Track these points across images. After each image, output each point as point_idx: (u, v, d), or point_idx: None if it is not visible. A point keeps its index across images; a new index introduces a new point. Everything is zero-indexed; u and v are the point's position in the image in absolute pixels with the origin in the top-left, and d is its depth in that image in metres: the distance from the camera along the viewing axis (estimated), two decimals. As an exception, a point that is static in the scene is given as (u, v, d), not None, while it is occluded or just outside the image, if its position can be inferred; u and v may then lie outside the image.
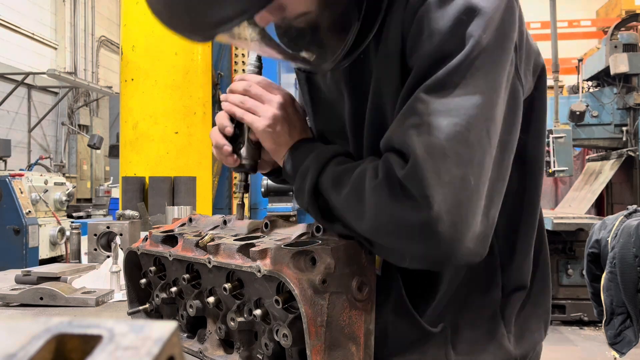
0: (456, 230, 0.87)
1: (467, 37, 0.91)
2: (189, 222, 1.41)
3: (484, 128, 0.91)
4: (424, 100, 0.91)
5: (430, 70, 0.93)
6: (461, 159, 0.88)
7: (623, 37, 7.78)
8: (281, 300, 0.98)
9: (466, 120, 0.89)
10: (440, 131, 0.89)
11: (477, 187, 0.90)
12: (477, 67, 0.91)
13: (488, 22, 0.92)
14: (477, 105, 0.90)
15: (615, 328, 3.76)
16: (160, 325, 0.36)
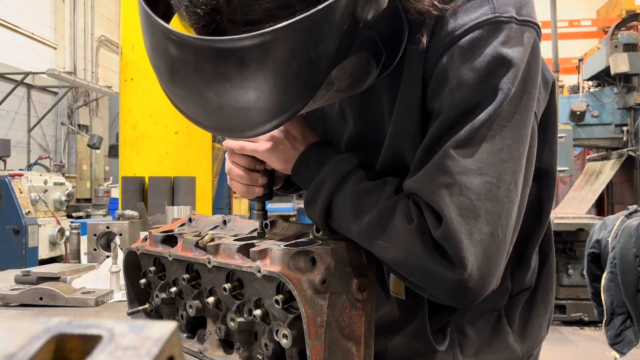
0: (484, 282, 0.92)
1: (496, 89, 0.90)
2: (188, 222, 1.41)
3: (512, 181, 0.93)
4: (453, 157, 0.91)
5: (457, 122, 0.92)
6: (491, 215, 0.91)
7: (623, 36, 7.79)
8: (281, 300, 0.98)
9: (496, 177, 0.91)
10: (472, 191, 0.90)
11: (505, 239, 0.93)
12: (505, 119, 0.91)
13: (516, 72, 0.90)
14: (506, 160, 0.92)
15: (615, 328, 3.76)
16: (160, 325, 0.36)
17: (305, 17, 0.74)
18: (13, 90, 10.69)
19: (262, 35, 0.74)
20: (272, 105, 0.81)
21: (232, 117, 0.85)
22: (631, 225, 3.67)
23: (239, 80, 0.78)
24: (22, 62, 11.30)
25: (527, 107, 0.93)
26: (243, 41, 0.75)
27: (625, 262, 3.60)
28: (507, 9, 0.91)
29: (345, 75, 0.88)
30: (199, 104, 0.85)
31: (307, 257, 0.97)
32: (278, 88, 0.80)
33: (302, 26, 0.74)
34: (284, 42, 0.75)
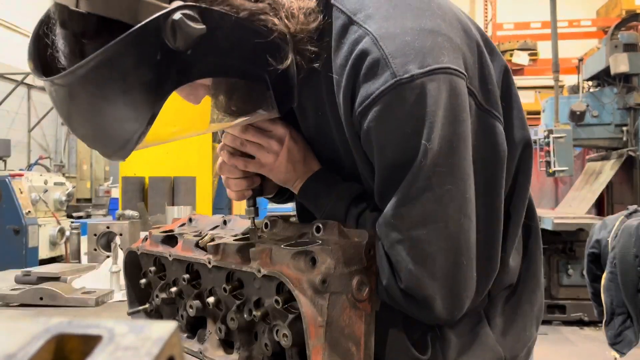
0: (455, 309, 1.02)
1: (418, 146, 0.94)
2: (189, 222, 1.41)
3: (461, 215, 0.98)
4: (398, 215, 0.98)
5: (392, 180, 0.98)
6: (449, 252, 0.98)
7: (623, 36, 7.77)
8: (281, 300, 0.98)
9: (443, 221, 0.97)
10: (423, 241, 0.97)
11: (470, 262, 1.00)
12: (439, 166, 0.96)
13: (433, 123, 0.94)
14: (449, 203, 0.97)
15: (615, 328, 3.76)
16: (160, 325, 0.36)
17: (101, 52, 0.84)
18: (13, 90, 10.69)
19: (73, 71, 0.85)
20: (119, 130, 0.92)
21: (95, 143, 0.98)
22: (631, 225, 3.66)
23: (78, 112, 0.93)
24: (22, 62, 11.27)
25: (460, 148, 0.97)
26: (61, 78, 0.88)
27: (625, 262, 3.60)
28: (407, 68, 0.93)
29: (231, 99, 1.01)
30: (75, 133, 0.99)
31: (307, 257, 0.97)
32: (110, 116, 0.91)
33: (102, 61, 0.84)
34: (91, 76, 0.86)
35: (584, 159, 8.92)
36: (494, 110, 1.06)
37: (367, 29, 0.98)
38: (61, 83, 0.89)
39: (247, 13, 0.93)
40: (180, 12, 0.85)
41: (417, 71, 0.93)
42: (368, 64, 0.96)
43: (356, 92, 0.98)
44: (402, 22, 0.98)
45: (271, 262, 0.98)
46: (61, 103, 0.93)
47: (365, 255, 1.01)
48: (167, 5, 0.86)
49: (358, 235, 1.04)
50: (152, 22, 0.84)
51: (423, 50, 0.94)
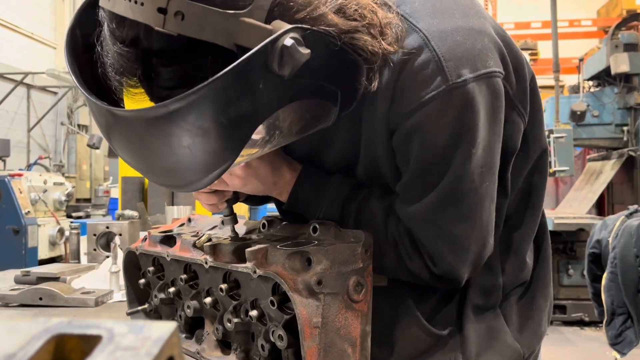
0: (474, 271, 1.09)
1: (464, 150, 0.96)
2: (188, 222, 1.41)
3: (492, 202, 1.04)
4: (439, 213, 1.01)
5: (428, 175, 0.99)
6: (480, 239, 1.04)
7: (624, 36, 7.78)
8: (276, 301, 0.98)
9: (479, 214, 1.02)
10: (461, 236, 1.02)
11: (488, 242, 1.06)
12: (480, 167, 0.99)
13: (478, 128, 0.96)
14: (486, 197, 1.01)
15: (616, 328, 3.76)
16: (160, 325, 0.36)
17: (208, 85, 0.75)
18: (13, 90, 10.69)
19: (165, 106, 0.76)
20: (199, 164, 0.84)
21: (165, 176, 0.90)
22: (632, 225, 3.67)
23: (156, 146, 0.82)
24: (22, 62, 11.30)
25: (496, 147, 1.01)
26: (150, 112, 0.78)
27: (625, 262, 3.60)
28: (460, 72, 0.92)
29: (295, 119, 0.93)
30: (134, 165, 0.89)
31: (303, 257, 0.97)
32: (199, 150, 0.82)
33: (206, 93, 0.76)
34: (189, 109, 0.77)
35: (584, 159, 8.92)
36: (521, 107, 1.07)
37: (415, 24, 0.95)
38: (143, 117, 0.79)
39: (342, 32, 0.87)
40: (290, 37, 0.79)
41: (469, 76, 0.92)
42: (418, 64, 0.93)
43: (397, 90, 0.95)
44: (452, 19, 0.95)
45: (267, 263, 0.98)
46: (128, 135, 0.84)
47: (361, 255, 1.01)
48: (270, 28, 0.80)
49: (354, 236, 1.03)
50: (261, 47, 0.77)
51: (474, 52, 0.94)
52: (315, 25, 0.83)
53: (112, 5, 0.80)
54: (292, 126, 0.94)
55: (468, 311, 1.11)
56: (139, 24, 0.78)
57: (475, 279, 1.12)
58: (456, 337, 1.10)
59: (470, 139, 0.95)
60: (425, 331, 1.09)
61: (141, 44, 0.80)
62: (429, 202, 1.00)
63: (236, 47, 0.78)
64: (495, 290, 1.14)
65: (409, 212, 1.03)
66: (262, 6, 0.80)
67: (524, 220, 1.17)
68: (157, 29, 0.76)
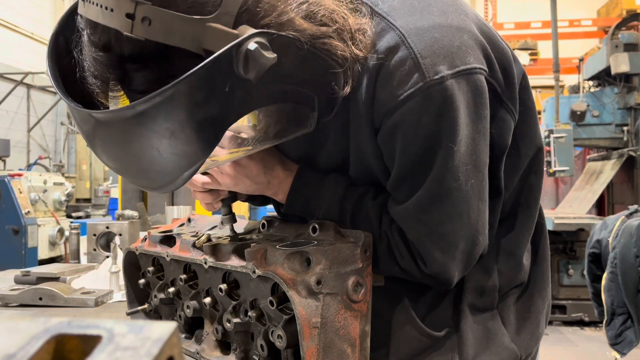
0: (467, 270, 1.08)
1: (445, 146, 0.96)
2: (187, 223, 1.41)
3: (480, 201, 1.02)
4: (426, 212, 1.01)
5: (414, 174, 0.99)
6: (469, 237, 1.03)
7: (624, 36, 7.77)
8: (276, 301, 0.98)
9: (466, 212, 1.01)
10: (448, 234, 1.01)
11: (484, 236, 1.05)
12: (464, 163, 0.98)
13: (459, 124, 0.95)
14: (472, 195, 1.00)
15: (616, 328, 3.76)
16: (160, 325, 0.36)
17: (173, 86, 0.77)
18: (12, 90, 10.69)
19: (132, 107, 0.79)
20: (170, 166, 0.86)
21: (138, 178, 0.92)
22: (632, 225, 3.67)
23: (127, 147, 0.84)
24: (22, 61, 11.30)
25: (481, 144, 1.00)
26: (118, 113, 0.81)
27: (625, 262, 3.60)
28: (437, 69, 0.92)
29: (268, 124, 0.95)
30: (112, 167, 0.91)
31: (302, 257, 0.97)
32: (170, 150, 0.84)
33: (173, 95, 0.77)
34: (157, 111, 0.79)
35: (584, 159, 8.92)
36: (511, 104, 1.06)
37: (392, 22, 0.95)
38: (113, 119, 0.82)
39: (312, 37, 0.88)
40: (254, 41, 0.80)
41: (446, 72, 0.92)
42: (395, 62, 0.93)
43: (377, 89, 0.96)
44: (429, 16, 0.96)
45: (266, 263, 0.98)
46: (103, 138, 0.86)
47: (360, 255, 1.01)
48: (236, 32, 0.81)
49: (354, 236, 1.03)
50: (225, 51, 0.78)
51: (452, 49, 0.94)
52: (283, 30, 0.85)
53: (85, 11, 0.83)
54: (268, 129, 0.97)
55: (465, 312, 1.11)
56: (110, 29, 0.80)
57: (471, 279, 1.12)
58: (453, 338, 1.09)
59: (450, 136, 0.94)
60: (420, 332, 1.09)
61: (113, 49, 0.82)
62: (415, 201, 1.00)
63: (204, 52, 0.80)
64: (491, 291, 1.14)
65: (398, 211, 1.03)
66: (230, 12, 0.81)
67: (520, 220, 1.16)
68: (126, 34, 0.78)
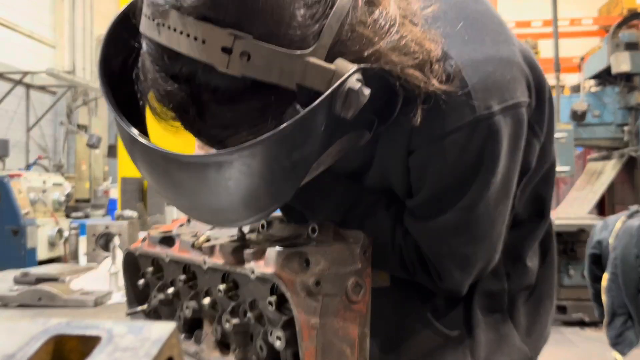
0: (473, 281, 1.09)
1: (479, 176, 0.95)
2: (187, 223, 1.40)
3: (503, 224, 1.04)
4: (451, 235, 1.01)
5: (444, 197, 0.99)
6: (487, 256, 1.05)
7: (625, 35, 7.77)
8: (274, 302, 0.98)
9: (490, 235, 1.02)
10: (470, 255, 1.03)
11: (498, 253, 1.07)
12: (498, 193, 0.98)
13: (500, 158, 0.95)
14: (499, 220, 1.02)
15: (616, 329, 3.76)
16: (159, 326, 0.35)
17: (275, 133, 0.72)
18: (12, 89, 10.70)
19: (229, 153, 0.74)
20: (251, 206, 0.83)
21: (212, 216, 0.90)
22: (632, 225, 3.66)
23: (212, 189, 0.79)
24: (21, 61, 11.31)
25: (514, 172, 1.01)
26: (213, 157, 0.76)
27: (626, 263, 3.60)
28: (488, 103, 0.90)
29: (336, 152, 0.93)
30: (176, 203, 0.88)
31: (301, 258, 0.97)
32: (254, 194, 0.80)
33: (272, 141, 0.73)
34: (253, 157, 0.74)
35: (585, 159, 8.93)
36: (538, 128, 1.06)
37: (447, 52, 0.91)
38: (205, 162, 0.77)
39: (400, 69, 0.83)
40: (356, 78, 0.75)
41: (496, 108, 0.91)
42: (447, 92, 0.89)
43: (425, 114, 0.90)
44: (482, 47, 0.93)
45: (265, 264, 0.98)
46: (181, 178, 0.80)
47: (360, 256, 1.01)
48: (333, 67, 0.75)
49: (353, 237, 1.03)
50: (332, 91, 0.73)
51: (503, 83, 0.93)
52: (375, 62, 0.80)
53: (161, 37, 0.74)
54: (333, 157, 0.93)
55: (476, 314, 1.12)
56: (197, 62, 0.73)
57: (480, 283, 1.13)
58: (465, 339, 1.10)
59: (491, 169, 0.95)
60: (434, 331, 1.10)
61: (196, 81, 0.75)
62: (441, 222, 0.99)
63: (297, 87, 0.75)
64: (501, 295, 1.15)
65: (419, 229, 1.03)
66: (325, 44, 0.76)
67: (529, 228, 1.18)
68: (220, 69, 0.72)
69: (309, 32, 0.75)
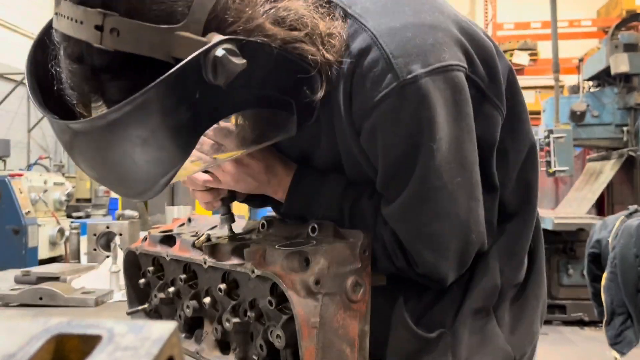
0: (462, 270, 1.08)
1: (426, 145, 0.95)
2: (188, 222, 1.41)
3: (470, 199, 1.02)
4: (412, 212, 1.01)
5: (398, 175, 0.99)
6: (460, 236, 1.02)
7: (624, 37, 7.76)
8: (274, 301, 0.98)
9: (454, 212, 1.00)
10: (438, 234, 1.01)
11: (479, 234, 1.05)
12: (448, 162, 0.97)
13: (438, 122, 0.94)
14: (460, 194, 1.00)
15: (615, 328, 3.76)
16: (160, 325, 0.36)
17: (142, 94, 0.78)
18: (13, 90, 10.68)
19: (104, 116, 0.81)
20: (145, 173, 0.88)
21: (116, 186, 0.94)
22: (631, 225, 3.66)
23: (103, 156, 0.86)
24: (22, 62, 11.23)
25: (466, 141, 0.99)
26: (92, 122, 0.82)
27: (625, 262, 3.59)
28: (410, 68, 0.92)
29: (247, 129, 0.97)
30: (90, 174, 0.93)
31: (301, 257, 0.97)
32: (145, 157, 0.86)
33: (142, 103, 0.79)
34: (128, 119, 0.80)
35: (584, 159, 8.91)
36: (497, 100, 1.06)
37: (365, 24, 0.95)
38: (86, 129, 0.84)
39: (282, 42, 0.89)
40: (222, 48, 0.81)
41: (420, 71, 0.92)
42: (367, 64, 0.93)
43: (354, 92, 0.96)
44: (402, 16, 0.96)
45: (265, 263, 0.98)
46: (80, 147, 0.88)
47: (359, 255, 1.01)
48: (205, 40, 0.82)
49: (353, 236, 1.04)
50: (192, 59, 0.79)
51: (425, 47, 0.93)
52: (252, 36, 0.86)
53: (58, 24, 0.84)
54: (246, 134, 0.98)
55: (462, 312, 1.10)
56: (81, 42, 0.82)
57: (475, 279, 1.11)
58: (446, 339, 1.08)
59: (429, 135, 0.94)
60: (411, 333, 1.08)
61: (86, 61, 0.84)
62: (401, 201, 1.00)
63: (174, 60, 0.81)
64: (494, 292, 1.13)
65: (388, 212, 1.04)
66: (198, 20, 0.82)
67: (521, 218, 1.16)
68: (96, 45, 0.80)
69: (176, 8, 0.82)
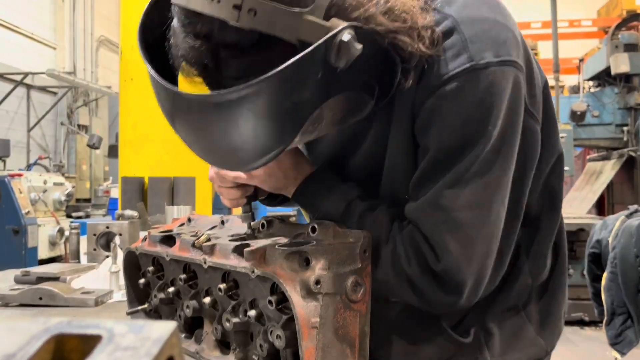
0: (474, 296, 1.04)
1: (480, 132, 0.97)
2: (187, 222, 1.41)
3: (501, 205, 1.02)
4: (447, 196, 1.00)
5: (446, 162, 1.00)
6: (486, 238, 1.02)
7: (624, 37, 7.78)
8: (275, 300, 0.98)
9: (487, 208, 1.01)
10: (467, 225, 1.00)
11: (493, 253, 1.04)
12: (493, 154, 0.99)
13: (498, 112, 0.97)
14: (495, 191, 1.01)
15: (616, 328, 3.76)
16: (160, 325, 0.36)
17: (276, 73, 0.83)
18: (12, 90, 10.69)
19: (237, 91, 0.84)
20: (258, 146, 0.93)
21: (224, 157, 0.98)
22: (632, 225, 3.66)
23: (223, 128, 0.90)
24: (22, 62, 11.30)
25: (512, 139, 1.01)
26: (224, 96, 0.86)
27: (625, 262, 3.59)
28: (483, 55, 0.96)
29: (336, 111, 0.99)
30: (195, 146, 0.97)
31: (301, 257, 0.97)
32: (260, 133, 0.91)
33: (274, 81, 0.84)
34: (258, 95, 0.85)
35: (584, 159, 8.92)
36: (536, 113, 1.08)
37: (447, 12, 1.00)
38: (215, 101, 0.87)
39: (388, 32, 0.93)
40: (347, 32, 0.86)
41: (492, 59, 0.96)
42: (446, 45, 0.98)
43: (426, 71, 0.99)
44: (480, 11, 1.01)
45: (265, 263, 0.98)
46: (196, 119, 0.92)
47: (359, 255, 1.01)
48: (329, 24, 0.87)
49: (353, 236, 1.03)
50: (323, 41, 0.85)
51: (498, 41, 0.98)
52: (366, 24, 0.90)
53: (186, 2, 0.87)
54: (334, 116, 1.01)
55: (496, 312, 1.13)
56: (214, 19, 0.85)
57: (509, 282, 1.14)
58: (479, 339, 1.11)
59: (488, 121, 0.97)
60: (448, 339, 1.10)
61: (214, 38, 0.88)
62: (440, 186, 1.01)
63: (298, 42, 0.86)
64: (525, 292, 1.17)
65: (416, 206, 1.03)
66: (322, 5, 0.87)
67: (545, 223, 1.19)
68: (232, 23, 0.83)
69: None
